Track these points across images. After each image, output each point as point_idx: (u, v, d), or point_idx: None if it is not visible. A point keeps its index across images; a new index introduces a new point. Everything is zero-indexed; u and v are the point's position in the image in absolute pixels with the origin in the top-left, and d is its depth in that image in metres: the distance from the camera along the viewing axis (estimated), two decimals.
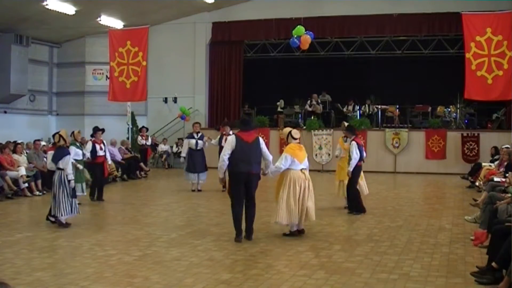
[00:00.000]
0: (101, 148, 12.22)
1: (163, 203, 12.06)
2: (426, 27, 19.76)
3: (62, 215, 8.93)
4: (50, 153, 9.45)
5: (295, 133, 8.46)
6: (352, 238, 8.30)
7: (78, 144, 11.38)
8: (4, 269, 6.44)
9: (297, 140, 8.41)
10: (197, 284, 5.86)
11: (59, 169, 9.01)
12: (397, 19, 19.87)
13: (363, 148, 10.61)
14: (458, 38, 18.75)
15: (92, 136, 12.50)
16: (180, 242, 7.86)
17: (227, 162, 7.95)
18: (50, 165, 9.36)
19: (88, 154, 11.93)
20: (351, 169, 10.14)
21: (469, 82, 15.92)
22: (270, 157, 8.27)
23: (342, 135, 11.33)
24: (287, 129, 8.62)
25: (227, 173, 8.23)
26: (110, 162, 13.07)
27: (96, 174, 12.27)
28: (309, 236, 8.29)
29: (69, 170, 9.00)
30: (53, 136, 9.70)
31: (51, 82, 23.00)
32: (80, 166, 11.19)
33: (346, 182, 10.48)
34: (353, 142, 10.26)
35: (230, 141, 8.06)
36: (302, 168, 8.21)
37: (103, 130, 12.49)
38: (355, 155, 10.11)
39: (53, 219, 9.12)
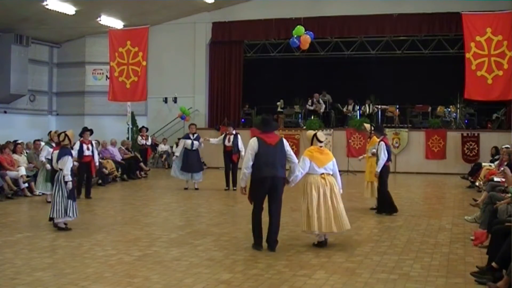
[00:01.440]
0: (88, 148, 12.49)
1: (163, 203, 12.07)
2: (426, 27, 19.78)
3: (55, 216, 8.72)
4: (55, 153, 9.39)
5: (321, 135, 7.79)
6: (352, 238, 8.29)
7: (53, 144, 11.33)
8: (4, 269, 6.44)
9: (322, 143, 7.77)
10: (197, 284, 5.86)
11: (60, 169, 8.98)
12: (397, 19, 19.88)
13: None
14: (458, 38, 18.77)
15: (80, 136, 12.74)
16: (180, 242, 7.86)
17: (251, 170, 7.34)
18: (55, 166, 9.31)
19: (74, 154, 12.05)
20: (378, 169, 10.04)
21: (469, 82, 15.95)
22: (296, 160, 7.58)
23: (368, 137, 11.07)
24: (311, 132, 7.91)
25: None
26: (97, 163, 13.14)
27: (84, 174, 12.55)
28: (309, 236, 8.27)
29: (66, 171, 8.77)
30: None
31: (51, 82, 23.03)
32: (48, 166, 11.17)
33: (376, 183, 10.33)
34: (382, 143, 10.09)
35: (251, 146, 7.36)
36: (323, 173, 7.57)
37: (91, 131, 12.79)
38: (383, 156, 9.97)
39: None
